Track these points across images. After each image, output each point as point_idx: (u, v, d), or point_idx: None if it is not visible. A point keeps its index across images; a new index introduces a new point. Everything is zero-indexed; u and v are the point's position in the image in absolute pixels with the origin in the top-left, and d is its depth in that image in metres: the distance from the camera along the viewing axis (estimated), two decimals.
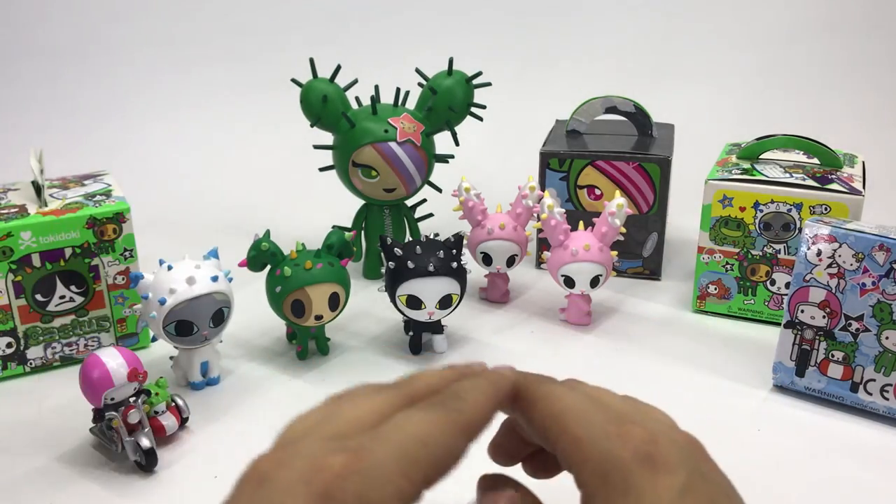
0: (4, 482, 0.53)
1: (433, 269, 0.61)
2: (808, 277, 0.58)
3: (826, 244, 0.58)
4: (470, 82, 0.77)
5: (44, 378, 0.65)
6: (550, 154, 0.79)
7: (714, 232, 0.70)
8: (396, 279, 0.62)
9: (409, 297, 0.63)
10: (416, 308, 0.63)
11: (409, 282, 0.62)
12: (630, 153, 0.77)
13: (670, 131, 0.83)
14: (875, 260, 0.56)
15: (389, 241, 0.63)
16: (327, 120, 0.76)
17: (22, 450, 0.56)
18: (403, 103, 0.77)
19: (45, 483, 0.53)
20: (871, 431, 0.58)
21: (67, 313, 0.65)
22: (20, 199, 0.66)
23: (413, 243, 0.63)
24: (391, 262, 0.62)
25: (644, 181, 0.77)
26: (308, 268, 0.61)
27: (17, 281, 0.62)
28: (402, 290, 0.63)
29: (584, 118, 0.83)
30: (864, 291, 0.57)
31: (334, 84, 0.76)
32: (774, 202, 0.68)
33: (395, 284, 0.63)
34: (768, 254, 0.70)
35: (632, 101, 0.81)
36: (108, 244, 0.64)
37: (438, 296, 0.63)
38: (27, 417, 0.60)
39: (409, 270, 0.62)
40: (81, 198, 0.66)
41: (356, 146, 0.74)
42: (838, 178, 0.68)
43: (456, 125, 0.78)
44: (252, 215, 0.94)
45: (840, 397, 0.59)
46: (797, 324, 0.60)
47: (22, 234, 0.61)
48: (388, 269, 0.63)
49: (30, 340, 0.64)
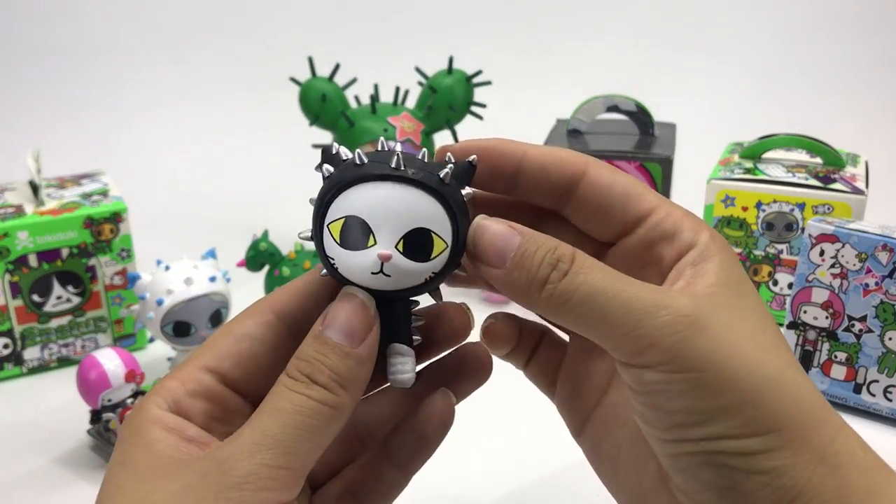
0: (1, 483, 0.53)
1: (399, 172, 0.28)
2: (811, 278, 0.58)
3: (829, 244, 0.57)
4: (470, 81, 0.77)
5: (41, 379, 0.65)
6: None
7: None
8: (329, 190, 0.29)
9: (347, 220, 0.29)
10: (354, 246, 0.28)
11: (351, 191, 0.29)
12: (631, 152, 0.77)
13: (672, 130, 0.83)
14: (878, 260, 0.55)
15: (335, 150, 0.30)
16: (326, 119, 0.75)
17: (18, 451, 0.56)
18: (403, 102, 0.77)
19: (42, 484, 0.53)
20: (874, 433, 0.57)
21: (64, 314, 0.64)
22: (17, 198, 0.65)
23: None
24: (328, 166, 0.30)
25: (646, 181, 0.76)
26: (307, 268, 0.61)
27: (14, 281, 0.62)
28: (337, 209, 0.29)
29: (585, 117, 0.82)
30: (867, 292, 0.56)
31: (333, 83, 0.76)
32: (777, 202, 0.67)
33: (325, 202, 0.29)
34: (771, 254, 0.69)
35: (633, 100, 0.81)
36: (105, 244, 0.64)
37: (403, 223, 0.28)
38: (24, 418, 0.59)
39: (355, 170, 0.29)
40: (78, 197, 0.65)
41: (355, 145, 0.74)
42: (841, 177, 0.68)
43: (456, 124, 0.78)
44: (250, 215, 0.94)
45: (843, 399, 0.59)
46: (800, 325, 0.59)
47: (18, 234, 0.61)
48: (324, 178, 0.30)
49: (27, 341, 0.64)
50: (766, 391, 0.27)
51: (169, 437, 0.28)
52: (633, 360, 0.27)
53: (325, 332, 0.28)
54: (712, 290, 0.28)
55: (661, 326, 0.27)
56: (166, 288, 0.58)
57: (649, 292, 0.27)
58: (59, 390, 0.62)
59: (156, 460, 0.27)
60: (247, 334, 0.31)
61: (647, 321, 0.27)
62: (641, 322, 0.27)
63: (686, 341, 0.27)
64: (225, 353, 0.30)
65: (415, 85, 0.78)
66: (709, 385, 0.27)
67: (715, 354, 0.27)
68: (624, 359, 0.28)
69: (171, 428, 0.28)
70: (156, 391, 0.29)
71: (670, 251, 0.30)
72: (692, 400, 0.27)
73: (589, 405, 0.34)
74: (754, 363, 0.27)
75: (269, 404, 0.28)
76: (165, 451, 0.27)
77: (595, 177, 0.31)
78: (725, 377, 0.27)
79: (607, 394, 0.34)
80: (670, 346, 0.27)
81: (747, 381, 0.27)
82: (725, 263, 0.29)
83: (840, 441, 0.28)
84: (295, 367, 0.28)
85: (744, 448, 0.27)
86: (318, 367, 0.28)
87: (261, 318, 0.31)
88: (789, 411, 0.27)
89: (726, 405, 0.27)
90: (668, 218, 0.31)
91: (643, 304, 0.27)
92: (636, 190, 0.31)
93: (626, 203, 0.31)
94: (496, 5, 1.30)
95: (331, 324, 0.28)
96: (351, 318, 0.28)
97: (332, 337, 0.28)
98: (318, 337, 0.28)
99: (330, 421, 0.28)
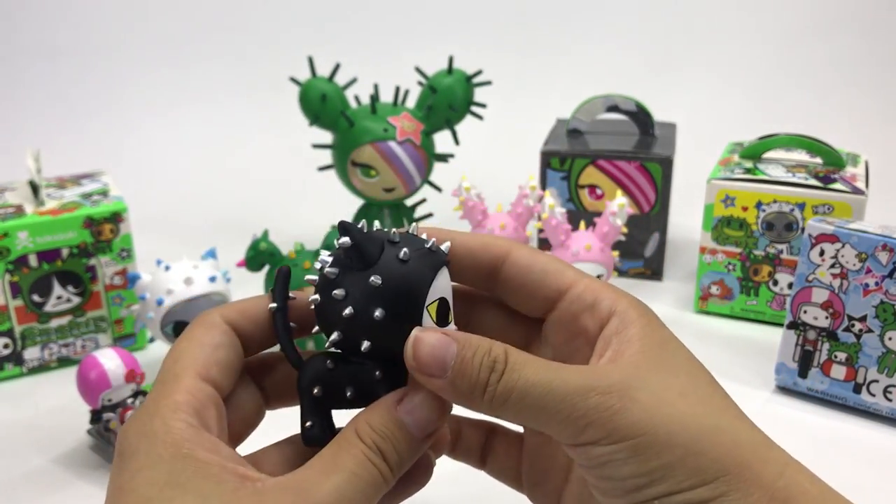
0: (1, 483, 0.53)
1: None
2: (811, 278, 0.58)
3: (829, 244, 0.57)
4: (470, 81, 0.77)
5: (41, 379, 0.65)
6: (551, 153, 0.78)
7: (716, 232, 0.70)
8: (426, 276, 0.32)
9: (440, 302, 0.32)
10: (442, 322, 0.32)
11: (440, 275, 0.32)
12: (632, 152, 0.77)
13: (672, 130, 0.83)
14: (878, 260, 0.55)
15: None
16: (326, 119, 0.75)
17: (19, 451, 0.56)
18: (403, 102, 0.77)
19: (42, 484, 0.53)
20: (874, 433, 0.57)
21: (64, 314, 0.64)
22: (17, 198, 0.65)
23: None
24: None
25: (646, 181, 0.76)
26: (307, 268, 0.61)
27: (14, 281, 0.62)
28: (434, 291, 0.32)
29: (585, 117, 0.82)
30: (867, 292, 0.56)
31: (333, 83, 0.75)
32: (777, 202, 0.67)
33: (427, 285, 0.31)
34: (771, 254, 0.69)
35: (633, 99, 0.81)
36: (105, 244, 0.64)
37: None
38: (24, 418, 0.59)
39: (435, 257, 0.32)
40: (78, 197, 0.65)
41: (355, 145, 0.74)
42: (841, 177, 0.68)
43: (456, 124, 0.78)
44: (250, 215, 0.93)
45: (843, 398, 0.59)
46: (800, 324, 0.59)
47: (19, 234, 0.61)
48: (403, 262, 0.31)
49: (27, 341, 0.64)
50: (704, 440, 0.28)
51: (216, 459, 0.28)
52: (577, 441, 0.29)
53: (404, 417, 0.30)
54: (638, 357, 0.30)
55: (595, 406, 0.28)
56: (166, 288, 0.58)
57: (578, 376, 0.29)
58: (59, 390, 0.62)
59: (219, 489, 0.27)
60: (218, 343, 0.32)
61: (581, 404, 0.28)
62: (576, 406, 0.28)
63: (619, 413, 0.28)
64: (208, 361, 0.31)
65: (415, 85, 0.78)
66: (648, 447, 0.28)
67: (649, 419, 0.28)
68: (568, 441, 0.29)
69: (209, 448, 0.28)
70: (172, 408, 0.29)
71: (592, 321, 0.32)
72: (636, 464, 0.28)
73: (559, 483, 0.36)
74: (688, 417, 0.29)
75: (342, 464, 0.29)
76: (219, 477, 0.27)
77: (516, 258, 0.34)
78: (662, 436, 0.28)
79: (572, 470, 0.35)
80: (606, 420, 0.28)
81: (683, 436, 0.28)
82: (647, 328, 0.31)
83: (787, 475, 0.29)
84: (370, 437, 0.29)
85: (694, 499, 0.28)
86: (391, 448, 0.30)
87: (220, 328, 0.32)
88: (730, 454, 0.28)
89: (668, 462, 0.28)
90: (587, 290, 0.33)
91: (575, 388, 0.29)
92: (556, 266, 0.33)
93: (545, 279, 0.33)
94: (496, 5, 1.29)
95: (411, 412, 0.30)
96: (431, 413, 0.30)
97: (409, 424, 0.30)
98: (395, 419, 0.30)
99: (377, 495, 0.29)
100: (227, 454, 0.28)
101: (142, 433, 0.28)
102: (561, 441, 0.30)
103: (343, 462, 0.29)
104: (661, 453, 0.28)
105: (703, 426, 0.29)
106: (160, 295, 0.58)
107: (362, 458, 0.29)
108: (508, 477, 0.39)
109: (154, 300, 0.58)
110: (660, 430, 0.28)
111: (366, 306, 0.30)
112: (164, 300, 0.57)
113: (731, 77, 1.23)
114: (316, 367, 0.33)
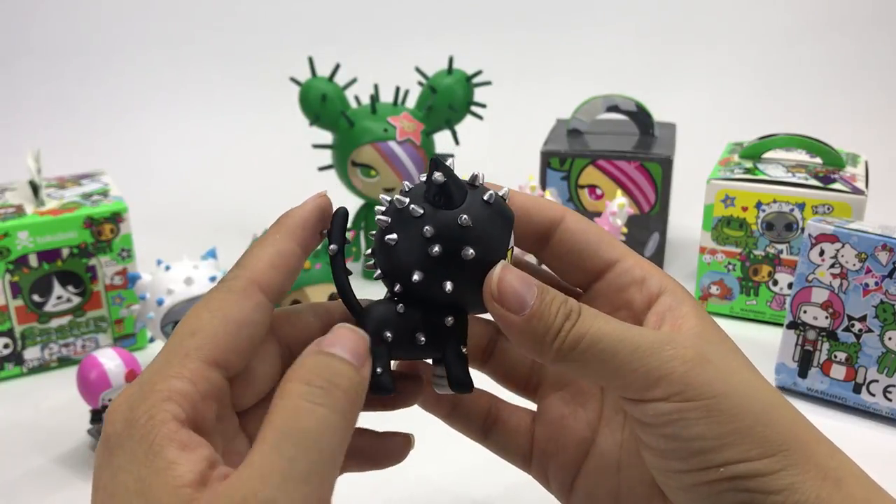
0: (1, 483, 0.53)
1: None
2: (811, 278, 0.58)
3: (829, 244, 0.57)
4: (470, 81, 0.77)
5: (41, 379, 0.65)
6: (551, 153, 0.78)
7: (716, 232, 0.70)
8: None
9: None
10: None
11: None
12: (631, 152, 0.77)
13: (672, 130, 0.83)
14: (878, 260, 0.55)
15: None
16: (326, 119, 0.75)
17: (19, 451, 0.56)
18: (403, 102, 0.77)
19: (43, 484, 0.53)
20: (874, 433, 0.57)
21: (65, 314, 0.64)
22: (17, 198, 0.65)
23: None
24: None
25: (645, 181, 0.76)
26: (306, 268, 0.61)
27: (14, 281, 0.62)
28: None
29: (585, 117, 0.82)
30: (866, 292, 0.56)
31: (333, 83, 0.76)
32: (777, 202, 0.67)
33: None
34: (770, 254, 0.69)
35: (633, 99, 0.81)
36: (105, 244, 0.64)
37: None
38: (24, 418, 0.59)
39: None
40: (79, 197, 0.65)
41: (355, 145, 0.74)
42: (841, 177, 0.68)
43: (456, 124, 0.78)
44: (250, 215, 0.93)
45: (843, 398, 0.59)
46: (800, 324, 0.59)
47: (19, 234, 0.61)
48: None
49: (27, 341, 0.64)
50: (772, 412, 0.29)
51: (188, 459, 0.25)
52: (645, 395, 0.29)
53: (332, 349, 0.27)
54: (700, 328, 0.30)
55: (669, 360, 0.28)
56: (167, 288, 0.58)
57: (651, 333, 0.29)
58: (59, 390, 0.62)
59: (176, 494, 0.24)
60: (246, 320, 0.28)
61: (655, 357, 0.28)
62: (649, 359, 0.28)
63: (695, 371, 0.28)
64: (229, 345, 0.28)
65: (415, 85, 0.78)
66: (722, 409, 0.28)
67: (724, 382, 0.28)
68: (635, 395, 0.29)
69: (186, 445, 0.25)
70: (165, 394, 0.26)
71: (640, 296, 0.32)
72: (708, 425, 0.28)
73: (577, 459, 0.35)
74: (756, 389, 0.29)
75: (287, 423, 0.25)
76: (186, 480, 0.25)
77: (570, 223, 0.33)
78: (736, 401, 0.28)
79: (595, 443, 0.35)
80: (681, 376, 0.28)
81: (755, 405, 0.29)
82: (698, 310, 0.31)
83: (838, 457, 0.29)
84: (303, 379, 0.26)
85: (759, 470, 0.28)
86: (335, 375, 0.26)
87: (253, 299, 0.29)
88: (791, 430, 0.29)
89: (739, 428, 0.28)
90: (637, 266, 0.33)
91: (649, 342, 0.29)
92: (608, 238, 0.34)
93: (597, 249, 0.33)
94: (496, 5, 1.29)
95: (335, 343, 0.27)
96: (357, 342, 0.28)
97: (340, 354, 0.27)
98: (323, 352, 0.27)
99: (347, 438, 0.26)
100: (198, 457, 0.25)
101: (127, 420, 0.26)
102: (627, 395, 0.29)
103: (283, 422, 0.25)
104: (734, 417, 0.28)
105: (768, 399, 0.29)
106: (160, 295, 0.58)
107: (302, 404, 0.26)
108: (512, 452, 0.37)
109: (154, 300, 0.58)
110: (734, 395, 0.28)
111: (455, 245, 0.29)
112: (164, 300, 0.57)
113: (731, 77, 1.23)
114: (384, 311, 0.30)
